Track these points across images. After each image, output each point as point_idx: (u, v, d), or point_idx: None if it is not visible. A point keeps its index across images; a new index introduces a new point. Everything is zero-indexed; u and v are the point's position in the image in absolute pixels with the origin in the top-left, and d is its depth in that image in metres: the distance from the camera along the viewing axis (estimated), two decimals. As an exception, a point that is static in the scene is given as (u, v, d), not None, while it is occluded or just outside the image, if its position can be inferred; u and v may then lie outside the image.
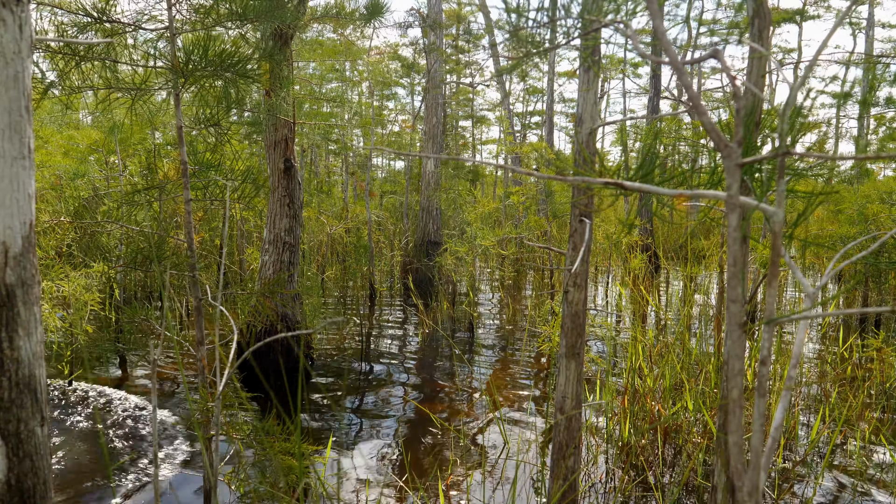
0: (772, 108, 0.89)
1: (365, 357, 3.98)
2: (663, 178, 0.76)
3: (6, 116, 0.89)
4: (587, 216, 1.57)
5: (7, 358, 0.91)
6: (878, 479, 2.35)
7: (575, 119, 1.85)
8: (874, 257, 2.48)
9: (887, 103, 8.08)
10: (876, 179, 9.43)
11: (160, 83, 1.64)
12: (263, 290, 2.02)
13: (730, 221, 0.57)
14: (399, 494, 2.17)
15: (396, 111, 15.81)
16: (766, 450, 0.61)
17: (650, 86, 10.78)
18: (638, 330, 3.74)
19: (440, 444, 2.61)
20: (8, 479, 0.92)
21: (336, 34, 10.21)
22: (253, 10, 1.69)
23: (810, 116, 1.21)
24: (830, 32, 0.63)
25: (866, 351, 3.82)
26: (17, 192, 0.91)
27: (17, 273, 0.92)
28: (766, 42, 1.13)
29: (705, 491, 2.17)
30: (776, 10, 10.13)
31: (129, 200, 1.76)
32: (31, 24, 0.93)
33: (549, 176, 0.65)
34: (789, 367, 0.62)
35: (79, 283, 2.83)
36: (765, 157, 0.57)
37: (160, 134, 6.81)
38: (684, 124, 6.81)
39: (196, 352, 1.71)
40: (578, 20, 1.08)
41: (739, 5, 11.27)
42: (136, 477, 2.19)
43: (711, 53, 0.61)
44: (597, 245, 7.67)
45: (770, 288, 0.61)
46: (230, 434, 1.57)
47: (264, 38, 3.04)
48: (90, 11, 1.60)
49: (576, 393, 1.63)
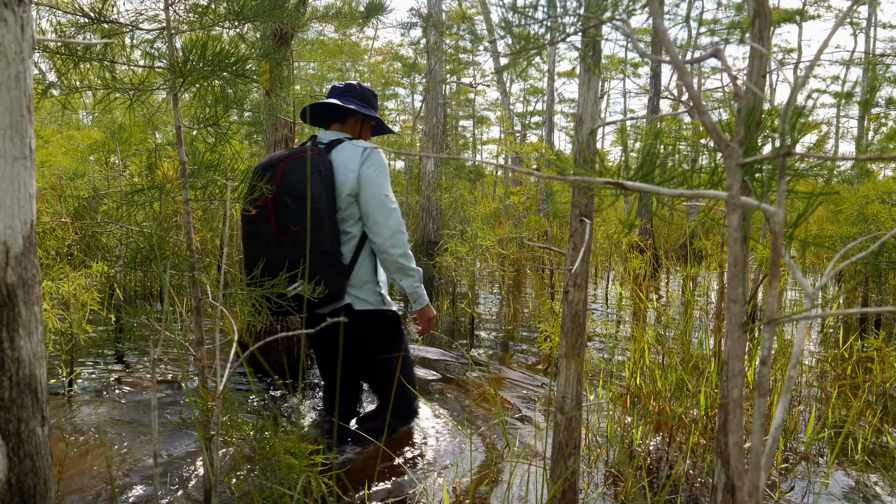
0: (772, 108, 0.89)
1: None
2: (664, 178, 0.76)
3: (8, 116, 0.89)
4: (587, 216, 1.57)
5: (8, 358, 0.91)
6: (879, 478, 2.36)
7: (575, 119, 1.86)
8: (874, 257, 2.48)
9: (888, 104, 8.09)
10: (876, 179, 9.43)
11: (159, 83, 1.64)
12: (263, 290, 2.02)
13: (730, 221, 0.57)
14: (398, 492, 2.18)
15: (397, 111, 15.82)
16: (766, 450, 0.61)
17: (650, 86, 10.78)
18: (639, 330, 3.73)
19: (440, 442, 2.62)
20: (8, 479, 0.93)
21: (338, 34, 10.22)
22: (252, 9, 1.69)
23: (811, 117, 1.23)
24: (831, 33, 0.63)
25: (867, 351, 3.82)
26: (18, 192, 0.91)
27: (18, 273, 0.92)
28: (766, 42, 1.13)
29: (706, 491, 2.18)
30: (776, 10, 10.13)
31: (129, 200, 1.76)
32: (32, 25, 0.94)
33: (549, 176, 0.65)
34: (789, 367, 0.62)
35: (78, 283, 2.84)
36: (766, 157, 0.57)
37: (160, 134, 6.82)
38: (684, 124, 6.82)
39: (196, 352, 1.71)
40: (577, 17, 1.08)
41: (740, 5, 11.27)
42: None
43: (713, 53, 0.61)
44: (597, 245, 7.67)
45: (771, 288, 0.61)
46: (230, 434, 1.57)
47: (263, 38, 3.04)
48: (87, 12, 1.60)
49: (576, 393, 1.63)
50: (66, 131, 7.21)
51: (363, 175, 2.25)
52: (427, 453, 2.52)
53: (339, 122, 2.47)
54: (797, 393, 3.08)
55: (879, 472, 2.40)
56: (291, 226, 2.19)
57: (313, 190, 2.18)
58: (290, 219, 2.20)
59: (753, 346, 3.20)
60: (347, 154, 2.28)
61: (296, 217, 2.19)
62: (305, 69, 11.31)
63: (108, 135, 4.47)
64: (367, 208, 2.25)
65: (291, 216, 2.19)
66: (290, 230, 2.20)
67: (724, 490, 1.26)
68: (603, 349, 4.32)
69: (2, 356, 0.91)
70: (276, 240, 2.22)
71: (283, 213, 2.20)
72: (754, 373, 2.77)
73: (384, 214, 2.25)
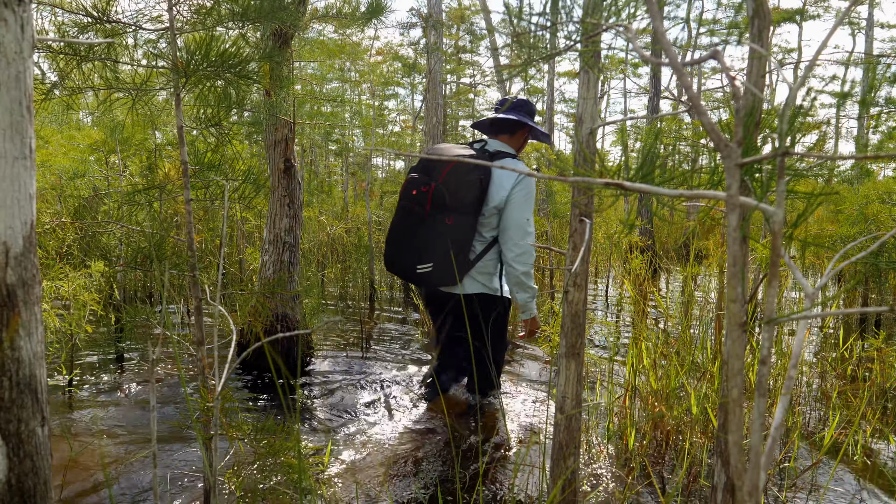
0: (772, 109, 0.89)
1: (365, 355, 3.99)
2: (664, 178, 0.76)
3: (8, 116, 0.90)
4: (587, 216, 1.57)
5: (8, 358, 0.91)
6: (880, 479, 2.35)
7: (575, 119, 1.85)
8: (874, 257, 2.48)
9: (887, 103, 8.08)
10: (876, 179, 9.42)
11: (161, 83, 1.64)
12: (263, 290, 2.02)
13: (730, 221, 0.57)
14: (398, 490, 2.18)
15: (397, 111, 15.81)
16: (766, 449, 0.61)
17: (650, 86, 10.78)
18: (639, 331, 3.73)
19: (440, 441, 2.62)
20: (8, 479, 0.93)
21: (338, 34, 10.22)
22: (254, 10, 1.69)
23: (810, 117, 1.21)
24: (830, 32, 0.63)
25: (867, 351, 3.82)
26: (18, 192, 0.91)
27: (17, 273, 0.92)
28: (765, 42, 1.13)
29: (707, 491, 2.18)
30: (776, 10, 10.13)
31: (130, 200, 1.76)
32: (32, 25, 0.94)
33: (549, 176, 0.65)
34: (789, 366, 0.62)
35: (78, 283, 2.83)
36: (765, 157, 0.57)
37: (160, 134, 6.81)
38: (684, 124, 6.81)
39: (196, 352, 1.71)
40: (579, 24, 1.08)
41: (739, 5, 11.27)
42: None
43: (711, 54, 0.61)
44: (597, 245, 7.67)
45: (770, 288, 0.61)
46: (230, 433, 1.57)
47: (264, 39, 3.04)
48: (91, 11, 1.60)
49: (576, 393, 1.63)
50: (67, 131, 7.21)
51: (512, 197, 2.58)
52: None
53: (508, 134, 2.79)
54: (797, 393, 3.08)
55: (880, 473, 2.40)
56: (442, 216, 2.60)
57: (468, 195, 2.56)
58: (442, 210, 2.60)
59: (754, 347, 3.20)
60: (506, 173, 2.61)
61: (447, 211, 2.59)
62: (305, 69, 11.31)
63: (109, 133, 4.47)
64: (507, 225, 2.60)
65: (444, 209, 2.60)
66: (439, 219, 2.61)
67: (724, 490, 1.26)
68: (603, 349, 4.31)
69: (2, 356, 0.91)
70: (425, 222, 2.64)
71: (438, 204, 2.61)
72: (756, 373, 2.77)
73: (520, 236, 2.58)
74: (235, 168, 1.76)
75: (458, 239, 2.59)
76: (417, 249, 2.64)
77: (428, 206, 2.62)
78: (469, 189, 2.54)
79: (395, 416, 2.97)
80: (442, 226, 2.60)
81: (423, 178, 2.62)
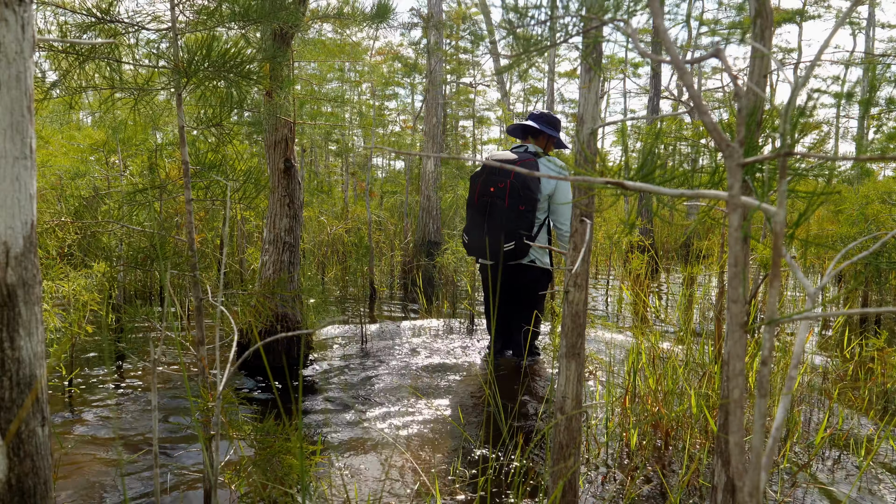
0: (773, 108, 0.89)
1: (365, 355, 3.99)
2: (664, 178, 0.76)
3: (8, 116, 0.90)
4: (588, 216, 1.57)
5: (8, 358, 0.91)
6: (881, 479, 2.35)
7: (575, 119, 1.86)
8: (874, 257, 2.48)
9: (888, 103, 8.09)
10: (876, 179, 9.42)
11: (163, 83, 1.64)
12: (264, 290, 2.02)
13: (731, 221, 0.57)
14: (396, 488, 2.18)
15: (397, 111, 15.82)
16: (766, 450, 0.61)
17: (650, 86, 10.77)
18: (639, 331, 3.73)
19: (440, 441, 2.62)
20: (8, 479, 0.93)
21: (337, 34, 10.21)
22: (255, 10, 1.69)
23: (811, 117, 1.23)
24: (832, 33, 0.63)
25: (868, 351, 3.81)
26: (18, 192, 0.91)
27: (18, 273, 0.92)
28: (767, 42, 1.13)
29: (707, 491, 2.17)
30: (777, 10, 10.13)
31: (131, 200, 1.76)
32: (33, 24, 0.94)
33: (550, 176, 0.65)
34: (790, 367, 0.62)
35: (79, 283, 2.83)
36: (766, 157, 0.57)
37: (160, 134, 6.81)
38: (685, 124, 6.81)
39: (196, 352, 1.71)
40: (578, 18, 1.08)
41: (741, 5, 11.26)
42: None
43: (713, 53, 0.61)
44: (597, 245, 7.67)
45: (771, 288, 0.61)
46: (230, 433, 1.57)
47: (265, 39, 3.04)
48: (93, 11, 1.60)
49: (576, 393, 1.63)
50: (67, 131, 7.21)
51: (559, 186, 3.47)
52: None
53: (533, 138, 3.65)
54: (798, 393, 3.08)
55: (879, 473, 2.40)
56: (515, 205, 3.40)
57: (532, 186, 3.41)
58: (517, 200, 3.40)
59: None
60: (551, 167, 3.49)
61: (520, 201, 3.40)
62: (305, 69, 11.31)
63: (110, 132, 4.47)
64: (557, 208, 3.48)
65: (518, 199, 3.40)
66: (513, 207, 3.40)
67: (724, 490, 1.26)
68: (602, 349, 4.31)
69: (2, 356, 0.91)
70: (506, 212, 3.41)
71: (515, 197, 3.40)
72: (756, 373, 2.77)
73: (567, 216, 3.42)
74: (236, 168, 1.76)
75: (529, 221, 3.41)
76: (502, 232, 3.39)
77: (506, 199, 3.39)
78: (533, 184, 3.38)
79: (395, 414, 2.97)
80: (516, 212, 3.39)
81: (496, 177, 3.42)
